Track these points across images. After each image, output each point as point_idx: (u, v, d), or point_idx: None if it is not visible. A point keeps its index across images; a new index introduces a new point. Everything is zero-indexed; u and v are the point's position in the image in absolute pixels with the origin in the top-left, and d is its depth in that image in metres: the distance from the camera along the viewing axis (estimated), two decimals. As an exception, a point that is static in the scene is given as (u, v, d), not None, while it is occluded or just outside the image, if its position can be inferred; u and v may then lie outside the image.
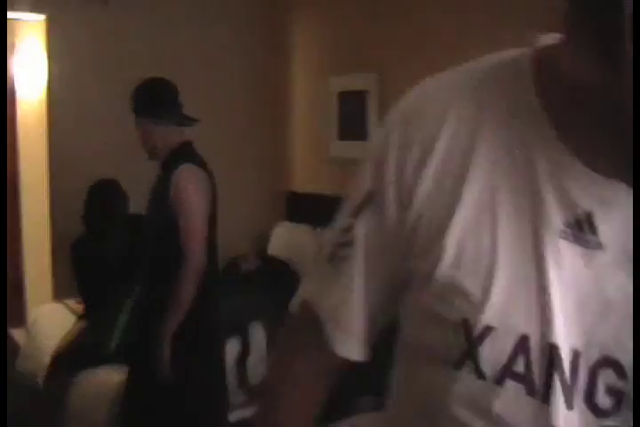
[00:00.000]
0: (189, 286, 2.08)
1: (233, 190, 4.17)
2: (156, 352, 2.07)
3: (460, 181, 0.61)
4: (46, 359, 2.77)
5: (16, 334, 4.01)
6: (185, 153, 2.28)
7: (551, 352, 0.58)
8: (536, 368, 0.59)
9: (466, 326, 0.60)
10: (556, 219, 0.59)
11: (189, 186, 2.13)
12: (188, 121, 2.33)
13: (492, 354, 0.60)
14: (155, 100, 2.28)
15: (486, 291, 0.60)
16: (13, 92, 4.36)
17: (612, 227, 0.58)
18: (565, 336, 0.58)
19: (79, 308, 3.08)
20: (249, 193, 4.27)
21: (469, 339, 0.60)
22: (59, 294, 3.59)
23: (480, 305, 0.60)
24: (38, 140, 3.85)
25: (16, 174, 4.40)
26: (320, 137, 3.97)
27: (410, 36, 3.34)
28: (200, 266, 2.10)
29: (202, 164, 2.28)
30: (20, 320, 4.15)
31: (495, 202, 0.60)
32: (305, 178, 4.17)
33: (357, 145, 3.71)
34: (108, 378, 2.58)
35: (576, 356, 0.59)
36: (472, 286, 0.60)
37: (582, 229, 0.58)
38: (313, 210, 3.82)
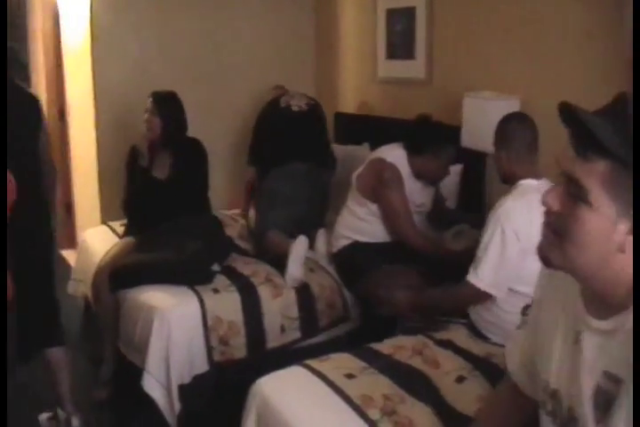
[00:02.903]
0: None
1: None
2: None
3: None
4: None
5: (68, 255, 4.19)
6: None
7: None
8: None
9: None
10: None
11: None
12: None
13: None
14: None
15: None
16: (58, 20, 4.37)
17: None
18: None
19: (122, 230, 3.14)
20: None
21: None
22: (105, 217, 3.71)
23: None
24: (84, 70, 3.89)
25: (64, 104, 4.49)
26: (368, 56, 3.84)
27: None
28: None
29: None
30: (72, 243, 4.33)
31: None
32: (353, 98, 4.06)
33: (406, 64, 3.55)
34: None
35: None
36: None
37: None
38: (361, 130, 3.75)
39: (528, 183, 2.12)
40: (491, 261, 2.06)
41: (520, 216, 2.03)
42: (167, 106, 2.91)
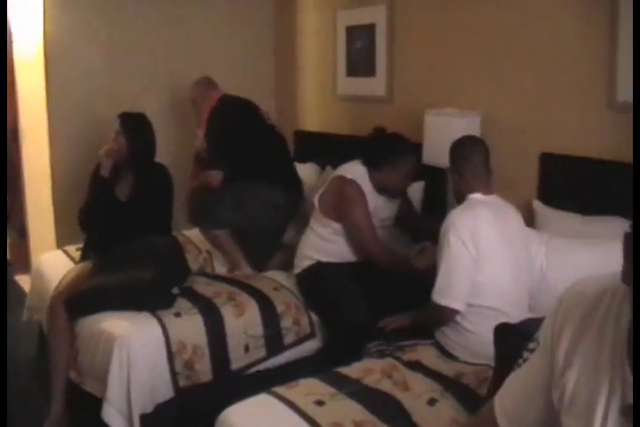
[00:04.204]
0: None
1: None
2: None
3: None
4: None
5: (22, 280, 4.05)
6: None
7: None
8: None
9: None
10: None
11: None
12: None
13: None
14: None
15: None
16: (10, 36, 4.26)
17: None
18: None
19: (78, 255, 3.04)
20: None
21: None
22: (60, 242, 3.60)
23: None
24: (38, 90, 3.79)
25: (17, 123, 4.35)
26: (328, 73, 3.84)
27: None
28: None
29: None
30: (26, 268, 4.18)
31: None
32: (313, 116, 4.04)
33: (366, 81, 3.55)
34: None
35: None
36: None
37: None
38: (320, 148, 3.72)
39: (476, 197, 2.21)
40: (445, 275, 2.08)
41: (465, 225, 2.09)
42: (135, 128, 2.87)
